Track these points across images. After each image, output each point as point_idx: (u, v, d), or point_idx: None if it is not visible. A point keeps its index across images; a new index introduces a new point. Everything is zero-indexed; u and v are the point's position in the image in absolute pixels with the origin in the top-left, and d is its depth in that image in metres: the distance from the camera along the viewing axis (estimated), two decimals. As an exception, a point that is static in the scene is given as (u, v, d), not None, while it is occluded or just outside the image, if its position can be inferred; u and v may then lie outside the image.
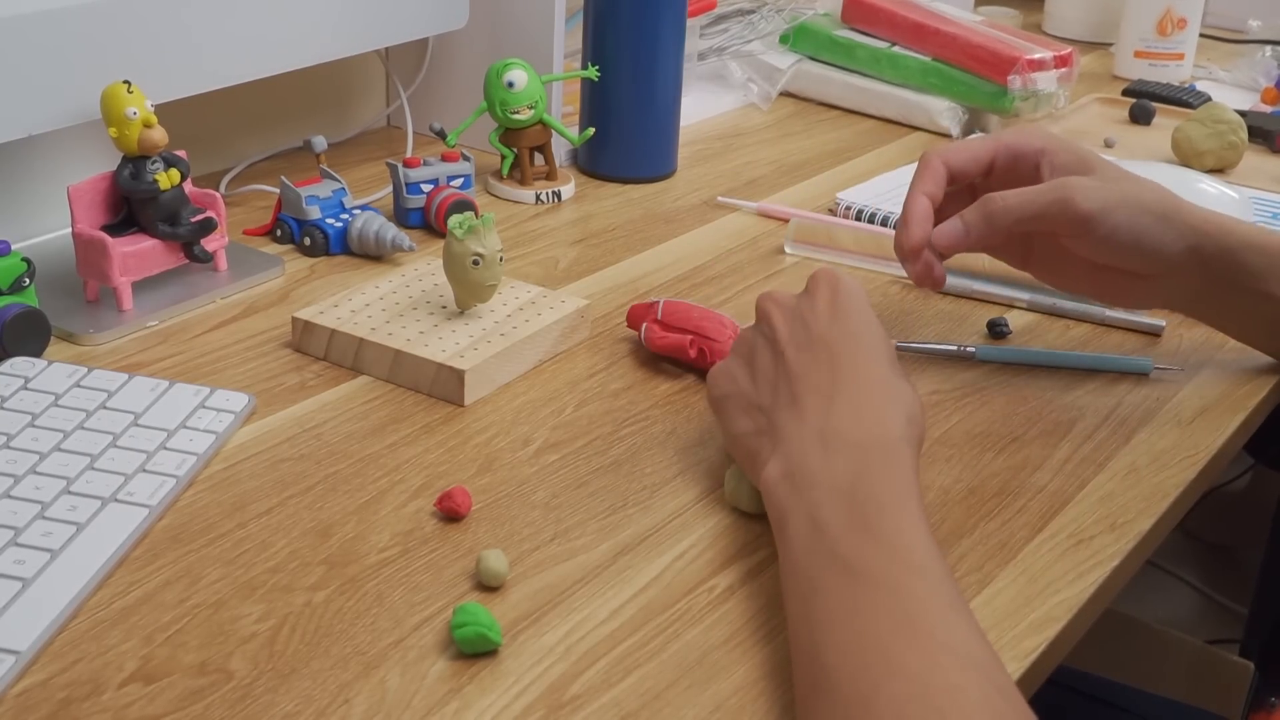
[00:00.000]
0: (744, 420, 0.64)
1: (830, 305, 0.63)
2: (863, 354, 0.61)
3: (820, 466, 0.57)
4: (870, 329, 0.63)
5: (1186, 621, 1.73)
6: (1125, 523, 0.66)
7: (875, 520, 0.54)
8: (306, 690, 0.52)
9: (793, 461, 0.58)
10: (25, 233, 0.87)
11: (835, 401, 0.59)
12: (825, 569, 0.53)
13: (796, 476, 0.57)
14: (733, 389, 0.65)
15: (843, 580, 0.52)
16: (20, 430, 0.65)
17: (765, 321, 0.66)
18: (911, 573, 0.51)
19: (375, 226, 0.90)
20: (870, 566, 0.52)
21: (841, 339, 0.62)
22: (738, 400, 0.64)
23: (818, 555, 0.54)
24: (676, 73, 1.07)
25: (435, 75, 1.14)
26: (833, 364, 0.61)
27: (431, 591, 0.58)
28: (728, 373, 0.66)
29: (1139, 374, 0.80)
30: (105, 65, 0.80)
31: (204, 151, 1.02)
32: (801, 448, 0.58)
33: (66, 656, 0.53)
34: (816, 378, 0.61)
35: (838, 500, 0.55)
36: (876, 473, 0.56)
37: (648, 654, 0.55)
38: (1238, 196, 0.98)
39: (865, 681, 0.47)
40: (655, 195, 1.06)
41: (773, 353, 0.64)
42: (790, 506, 0.57)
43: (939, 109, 1.24)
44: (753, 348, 0.65)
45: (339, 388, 0.74)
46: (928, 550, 0.53)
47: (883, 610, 0.50)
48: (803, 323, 0.63)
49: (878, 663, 0.48)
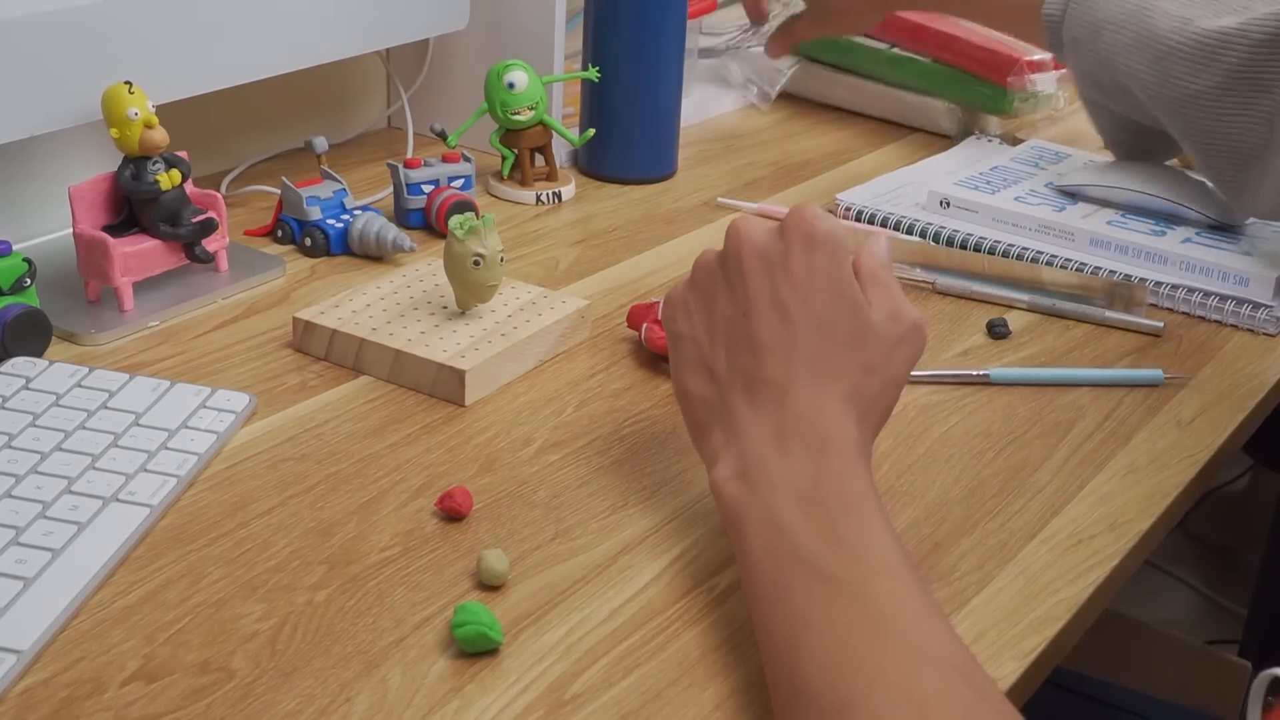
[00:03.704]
0: (697, 380, 0.62)
1: (805, 267, 0.59)
2: (824, 339, 0.58)
3: (777, 466, 0.56)
4: (839, 302, 0.59)
5: (1186, 621, 1.74)
6: (1124, 523, 0.66)
7: (838, 523, 0.53)
8: (308, 689, 0.52)
9: (748, 460, 0.57)
10: (26, 233, 0.87)
11: (791, 394, 0.57)
12: (791, 574, 0.52)
13: (752, 476, 0.56)
14: (688, 331, 0.62)
15: (811, 586, 0.51)
16: (21, 430, 0.65)
17: (734, 261, 0.61)
18: (880, 576, 0.51)
19: (376, 227, 0.90)
20: (837, 571, 0.51)
21: (804, 316, 0.58)
22: (692, 349, 0.62)
23: (782, 560, 0.53)
24: (676, 73, 1.07)
25: (436, 76, 1.14)
26: (792, 344, 0.58)
27: (432, 591, 0.58)
28: (684, 306, 0.63)
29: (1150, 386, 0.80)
30: (107, 66, 0.80)
31: (205, 152, 1.02)
32: (757, 445, 0.57)
33: (68, 655, 0.53)
34: (775, 357, 0.58)
35: (796, 502, 0.54)
36: (834, 474, 0.55)
37: (648, 653, 0.55)
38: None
39: (843, 690, 0.47)
40: (655, 196, 1.07)
41: (734, 305, 0.60)
42: (746, 508, 0.56)
43: (939, 110, 1.24)
44: (714, 287, 0.62)
45: (340, 388, 0.74)
46: (894, 552, 0.52)
47: (855, 616, 0.50)
48: (771, 281, 0.59)
49: (854, 670, 0.48)
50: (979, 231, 0.97)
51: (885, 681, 0.47)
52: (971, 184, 1.03)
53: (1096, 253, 0.94)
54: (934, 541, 0.64)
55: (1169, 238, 0.94)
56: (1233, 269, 0.89)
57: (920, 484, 0.68)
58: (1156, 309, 0.90)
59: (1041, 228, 0.96)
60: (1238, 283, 0.89)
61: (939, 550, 0.63)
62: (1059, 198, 1.01)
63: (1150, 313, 0.88)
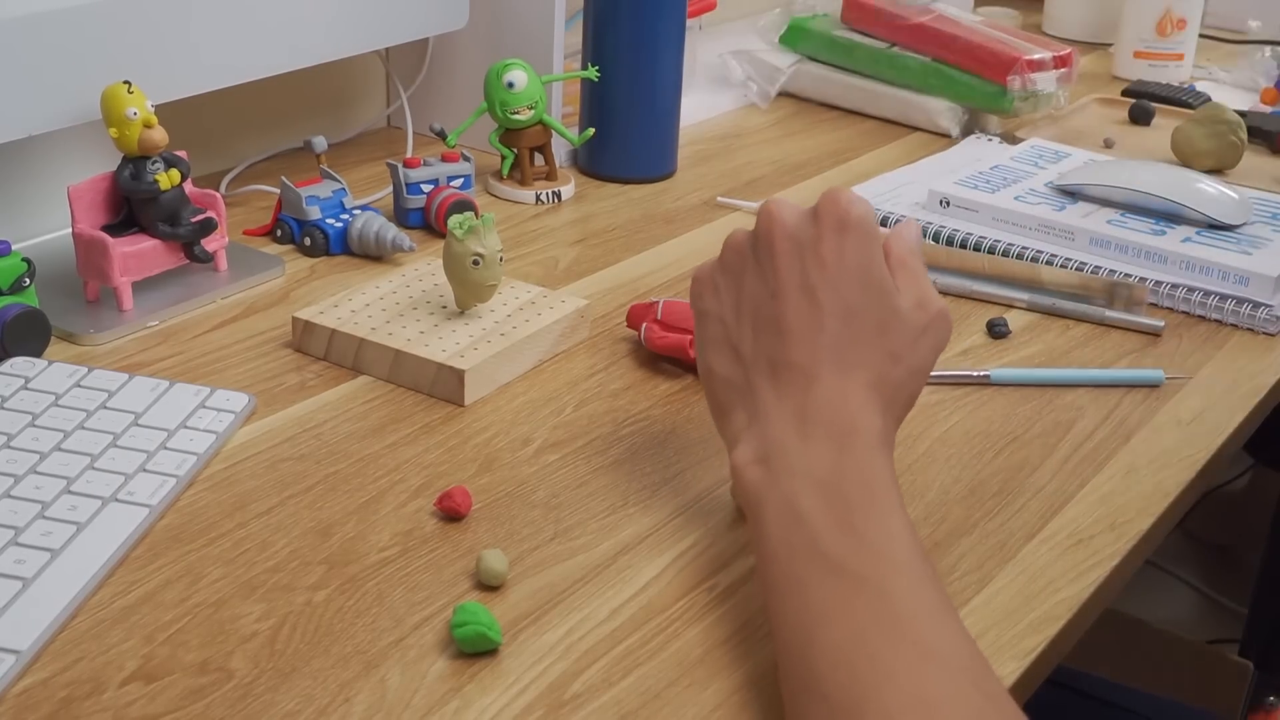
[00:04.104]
0: (721, 359, 0.61)
1: (836, 252, 0.59)
2: (851, 326, 0.58)
3: (798, 453, 0.55)
4: (868, 289, 0.58)
5: (1186, 621, 1.74)
6: (1125, 522, 0.66)
7: (858, 516, 0.53)
8: (307, 689, 0.52)
9: (769, 444, 0.57)
10: (25, 233, 0.87)
11: (816, 379, 0.57)
12: (808, 566, 0.52)
13: (772, 461, 0.56)
14: (715, 309, 0.62)
15: (828, 579, 0.51)
16: (21, 430, 0.65)
17: (765, 242, 0.61)
18: (897, 572, 0.51)
19: (375, 227, 0.90)
20: (855, 566, 0.51)
21: (833, 302, 0.58)
22: (718, 327, 0.62)
23: (799, 550, 0.53)
24: (676, 73, 1.07)
25: (435, 75, 1.14)
26: (819, 329, 0.58)
27: (431, 591, 0.58)
28: (713, 285, 0.63)
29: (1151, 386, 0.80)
30: (106, 65, 0.80)
31: (204, 152, 1.02)
32: (779, 429, 0.57)
33: (67, 655, 0.53)
34: (801, 341, 0.58)
35: (816, 491, 0.54)
36: (855, 465, 0.55)
37: (648, 653, 0.55)
38: (1237, 196, 0.98)
39: (856, 690, 0.47)
40: (655, 195, 1.06)
41: (763, 287, 0.60)
42: (765, 495, 0.55)
43: (939, 109, 1.24)
44: (743, 267, 0.61)
45: (339, 388, 0.74)
46: (912, 549, 0.52)
47: (871, 613, 0.49)
48: (801, 265, 0.59)
49: (868, 670, 0.48)
50: (979, 231, 0.97)
51: (897, 684, 0.47)
52: (971, 183, 1.03)
53: (1096, 252, 0.94)
54: (934, 541, 0.64)
55: (1169, 237, 0.93)
56: (1233, 269, 0.89)
57: (920, 484, 0.68)
58: (1156, 309, 0.90)
59: (1041, 227, 0.96)
60: (1238, 282, 0.89)
61: (939, 550, 0.63)
62: (1059, 197, 1.01)
63: (1150, 312, 0.88)
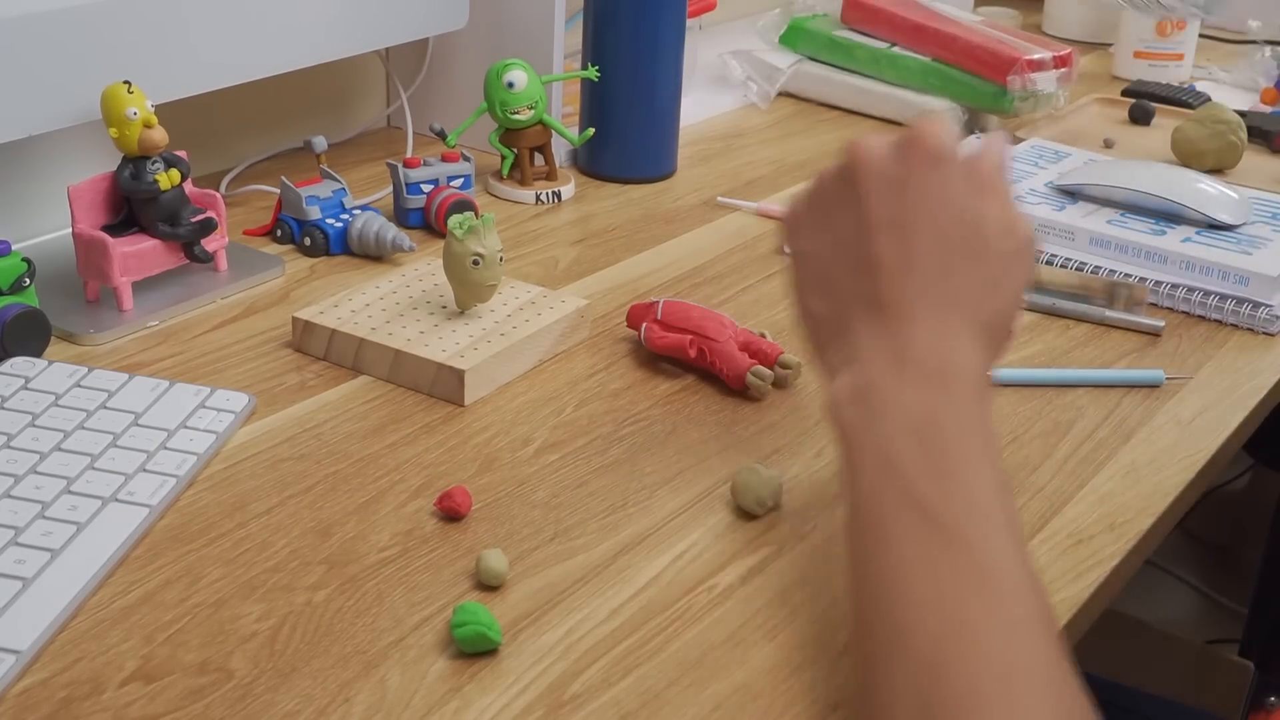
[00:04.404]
0: (817, 298, 0.61)
1: (924, 186, 0.58)
2: (945, 260, 0.57)
3: (894, 393, 0.54)
4: (959, 223, 0.58)
5: (1186, 621, 1.74)
6: (1125, 522, 0.66)
7: (953, 464, 0.51)
8: (307, 689, 0.52)
9: (866, 379, 0.55)
10: (25, 233, 0.87)
11: (912, 318, 0.56)
12: (898, 512, 0.51)
13: (869, 401, 0.54)
14: (810, 249, 0.61)
15: (918, 529, 0.50)
16: (21, 430, 0.65)
17: (852, 180, 0.60)
18: (988, 526, 0.50)
19: (375, 227, 0.90)
20: (947, 516, 0.50)
21: (924, 237, 0.57)
22: (814, 266, 0.61)
23: (889, 495, 0.51)
24: (676, 73, 1.07)
25: (435, 75, 1.14)
26: (912, 266, 0.57)
27: (431, 591, 0.58)
28: (805, 225, 0.62)
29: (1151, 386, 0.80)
30: (106, 65, 0.80)
31: (204, 152, 1.02)
32: (876, 369, 0.55)
33: (67, 656, 0.53)
34: (895, 279, 0.57)
35: (912, 436, 0.52)
36: (953, 409, 0.53)
37: (648, 653, 0.55)
38: (1237, 196, 0.98)
39: (942, 648, 0.46)
40: (655, 195, 1.06)
41: (857, 224, 0.59)
42: (860, 436, 0.54)
43: (939, 109, 1.24)
44: (833, 205, 0.61)
45: (339, 388, 0.74)
46: (1004, 504, 0.51)
47: (960, 568, 0.48)
48: (890, 201, 0.58)
49: (955, 630, 0.47)
50: (979, 231, 0.97)
51: (981, 649, 0.46)
52: (971, 183, 1.02)
53: (1096, 252, 0.94)
54: (934, 541, 0.63)
55: (1169, 237, 0.93)
56: (1233, 268, 0.89)
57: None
58: (1156, 308, 0.90)
59: (1041, 227, 0.96)
60: (1238, 282, 0.89)
61: (939, 550, 0.63)
62: (1059, 197, 1.01)
63: (1150, 312, 0.88)
